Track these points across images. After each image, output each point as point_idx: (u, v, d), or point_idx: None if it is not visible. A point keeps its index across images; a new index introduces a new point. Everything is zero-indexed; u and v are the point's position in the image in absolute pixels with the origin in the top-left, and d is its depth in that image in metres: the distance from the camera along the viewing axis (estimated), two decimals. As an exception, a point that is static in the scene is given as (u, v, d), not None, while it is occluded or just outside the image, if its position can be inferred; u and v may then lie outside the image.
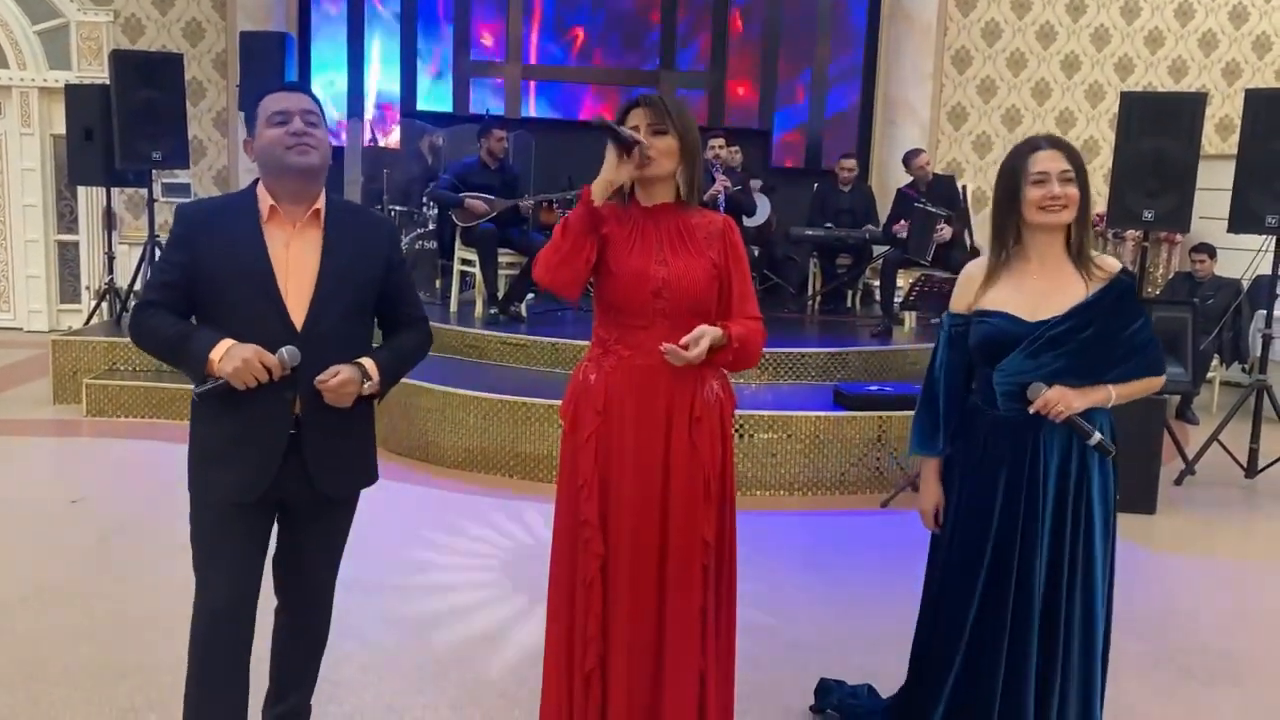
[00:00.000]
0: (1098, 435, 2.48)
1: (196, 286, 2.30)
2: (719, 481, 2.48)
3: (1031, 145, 2.53)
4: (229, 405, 2.27)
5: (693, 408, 2.43)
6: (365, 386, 2.37)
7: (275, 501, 2.40)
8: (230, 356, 2.21)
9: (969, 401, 2.63)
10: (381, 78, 9.61)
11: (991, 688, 2.53)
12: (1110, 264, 2.55)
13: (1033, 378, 2.46)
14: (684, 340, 2.34)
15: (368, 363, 2.39)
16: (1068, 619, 2.53)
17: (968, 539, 2.58)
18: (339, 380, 2.30)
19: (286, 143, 2.30)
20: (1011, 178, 2.52)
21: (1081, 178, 2.49)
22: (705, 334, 2.36)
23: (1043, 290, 2.51)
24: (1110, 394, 2.50)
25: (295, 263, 2.33)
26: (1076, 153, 2.51)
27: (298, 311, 2.31)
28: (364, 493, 2.57)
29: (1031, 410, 2.46)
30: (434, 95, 9.71)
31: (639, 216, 2.46)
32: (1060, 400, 2.43)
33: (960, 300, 2.63)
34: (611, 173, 2.36)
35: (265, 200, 2.34)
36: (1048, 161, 2.47)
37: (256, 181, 2.40)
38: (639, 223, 2.45)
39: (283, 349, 2.25)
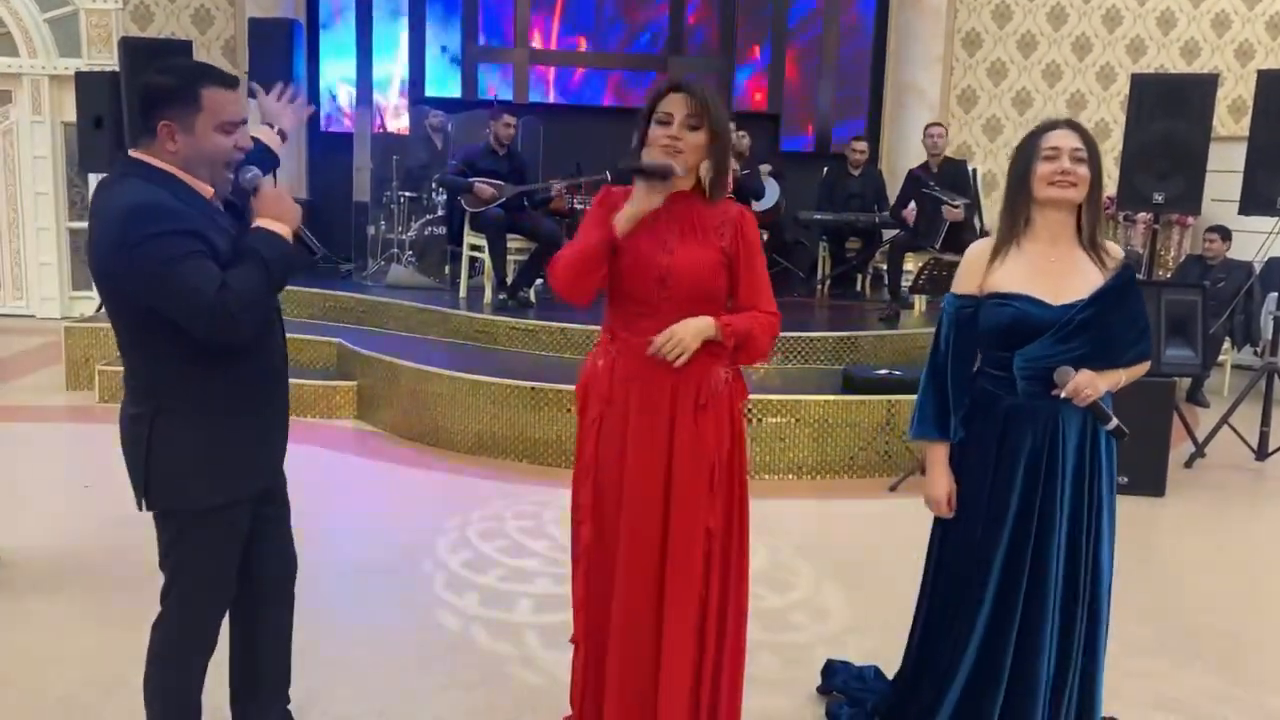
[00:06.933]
0: (1115, 420, 2.48)
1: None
2: (725, 470, 2.45)
3: (1048, 124, 2.55)
4: (261, 395, 2.32)
5: (698, 395, 2.41)
6: None
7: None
8: (278, 209, 2.24)
9: (977, 386, 2.60)
10: (392, 63, 9.60)
11: (1000, 678, 2.52)
12: (1116, 251, 2.56)
13: (1058, 362, 2.45)
14: (663, 334, 2.31)
15: None
16: (1083, 606, 2.53)
17: (983, 528, 2.55)
18: None
19: (234, 158, 2.26)
20: (1025, 154, 2.52)
21: (1095, 162, 2.49)
22: (686, 328, 2.31)
23: (1060, 271, 2.50)
24: (1120, 377, 2.52)
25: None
26: (1091, 137, 2.51)
27: None
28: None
29: (1063, 395, 2.44)
30: (443, 81, 9.70)
31: None
32: (1089, 385, 2.42)
33: (968, 281, 2.59)
34: (643, 205, 2.33)
35: (204, 189, 2.24)
36: (1061, 139, 2.48)
37: (166, 175, 2.19)
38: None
39: (244, 170, 2.31)
